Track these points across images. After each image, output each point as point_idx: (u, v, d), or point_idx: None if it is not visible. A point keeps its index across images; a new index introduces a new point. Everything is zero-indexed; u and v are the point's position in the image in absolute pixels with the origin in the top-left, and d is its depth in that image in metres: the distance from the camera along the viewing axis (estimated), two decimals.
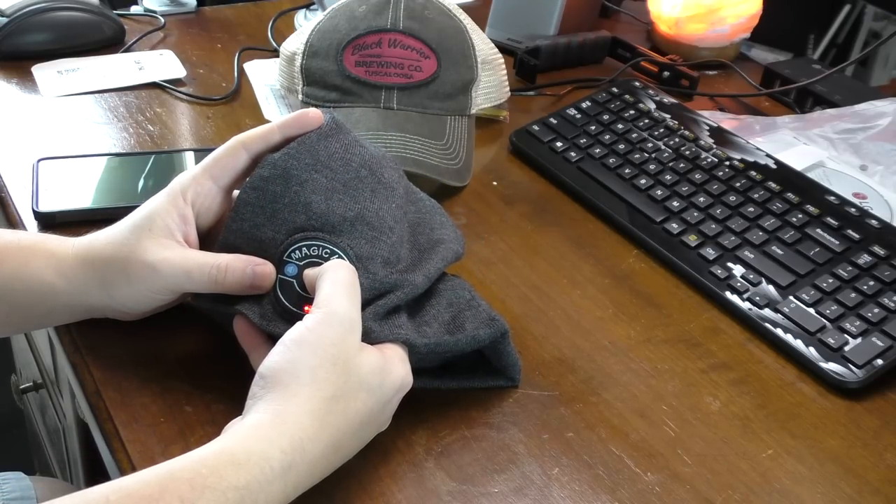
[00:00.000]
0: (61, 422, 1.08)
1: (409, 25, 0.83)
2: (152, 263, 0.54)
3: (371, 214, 0.56)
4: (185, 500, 0.42)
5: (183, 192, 0.57)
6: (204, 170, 0.58)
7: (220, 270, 0.54)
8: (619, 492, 0.54)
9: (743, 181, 0.78)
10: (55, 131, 0.85)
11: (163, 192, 0.57)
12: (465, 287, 0.60)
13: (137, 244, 0.54)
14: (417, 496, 0.52)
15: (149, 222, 0.55)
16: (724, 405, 0.61)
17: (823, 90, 1.00)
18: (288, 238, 0.55)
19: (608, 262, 0.74)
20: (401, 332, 0.54)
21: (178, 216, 0.56)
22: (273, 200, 0.56)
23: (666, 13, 1.11)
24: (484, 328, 0.56)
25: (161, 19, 1.07)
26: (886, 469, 0.58)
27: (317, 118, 0.59)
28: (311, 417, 0.47)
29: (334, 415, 0.48)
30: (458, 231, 0.64)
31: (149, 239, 0.55)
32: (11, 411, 1.48)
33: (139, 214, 0.56)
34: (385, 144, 0.78)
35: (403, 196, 0.61)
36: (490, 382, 0.60)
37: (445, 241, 0.61)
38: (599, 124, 0.88)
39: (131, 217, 0.57)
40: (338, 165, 0.57)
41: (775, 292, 0.69)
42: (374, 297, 0.55)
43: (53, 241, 0.57)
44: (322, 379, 0.48)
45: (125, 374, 0.58)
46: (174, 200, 0.56)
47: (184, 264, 0.54)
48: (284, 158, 0.57)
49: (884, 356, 0.64)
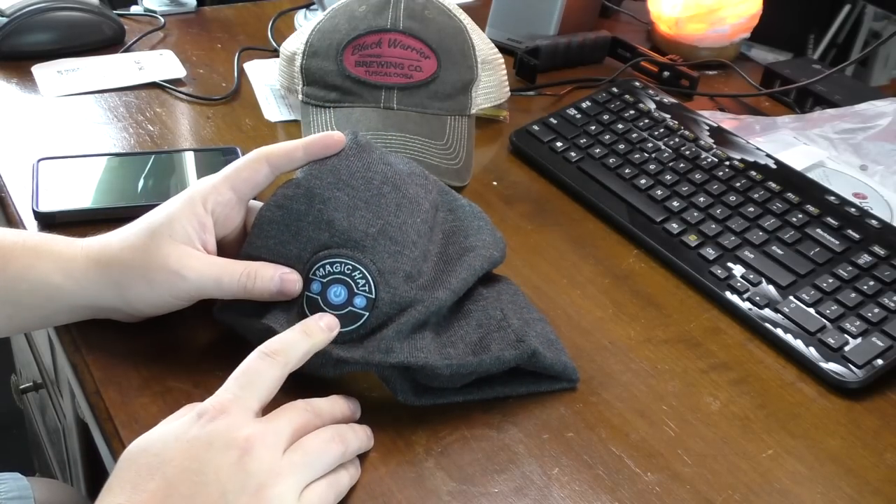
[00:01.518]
0: (61, 422, 1.08)
1: (409, 25, 0.83)
2: (177, 271, 0.54)
3: (394, 229, 0.57)
4: None
5: (203, 200, 0.56)
6: (224, 179, 0.57)
7: (250, 277, 0.54)
8: (619, 492, 0.54)
9: (743, 181, 0.78)
10: (55, 131, 0.85)
11: (180, 197, 0.57)
12: (498, 306, 0.60)
13: (158, 250, 0.54)
14: (417, 496, 0.52)
15: (168, 228, 0.55)
16: (724, 405, 0.61)
17: (823, 90, 1.00)
18: (313, 255, 0.56)
19: (608, 262, 0.74)
20: (420, 356, 0.54)
21: (197, 223, 0.55)
22: (297, 218, 0.57)
23: (666, 13, 1.11)
24: (509, 350, 0.57)
25: (161, 19, 1.07)
26: (886, 469, 0.58)
27: (340, 140, 0.59)
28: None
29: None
30: (497, 233, 0.64)
31: (170, 245, 0.54)
32: (11, 411, 1.48)
33: (156, 218, 0.56)
34: (385, 144, 0.78)
35: (431, 210, 0.61)
36: (555, 386, 0.60)
37: (477, 247, 0.61)
38: (599, 124, 0.88)
39: (146, 220, 0.56)
40: (359, 183, 0.58)
41: (775, 292, 0.69)
42: (396, 313, 0.55)
43: (60, 242, 0.57)
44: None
45: (125, 374, 0.58)
46: (193, 207, 0.56)
47: (212, 271, 0.54)
48: (308, 178, 0.58)
49: (884, 356, 0.64)
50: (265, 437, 0.47)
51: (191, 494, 0.44)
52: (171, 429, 0.47)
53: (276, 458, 0.47)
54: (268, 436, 0.47)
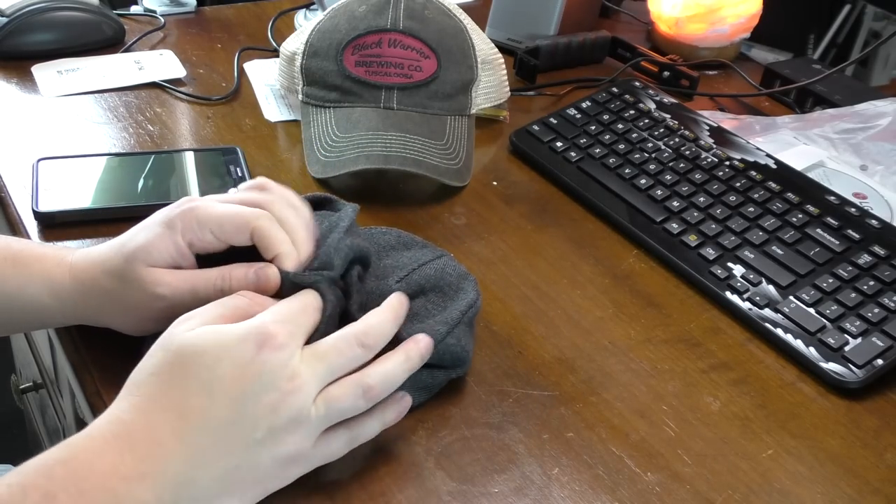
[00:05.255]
0: (61, 422, 1.08)
1: (409, 25, 0.83)
2: (153, 292, 0.53)
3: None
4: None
5: (181, 233, 0.54)
6: (206, 220, 0.54)
7: (225, 279, 0.54)
8: (619, 492, 0.54)
9: (743, 181, 0.78)
10: (55, 131, 0.85)
11: (153, 226, 0.55)
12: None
13: (133, 274, 0.54)
14: (417, 496, 0.52)
15: (145, 253, 0.54)
16: (724, 405, 0.61)
17: (823, 90, 1.00)
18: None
19: (608, 262, 0.74)
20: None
21: (175, 251, 0.54)
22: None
23: (666, 13, 1.11)
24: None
25: (161, 19, 1.07)
26: (886, 469, 0.58)
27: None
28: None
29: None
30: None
31: (145, 270, 0.54)
32: (11, 411, 1.48)
33: (135, 243, 0.54)
34: (385, 144, 0.78)
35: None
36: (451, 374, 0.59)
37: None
38: (599, 124, 0.88)
39: (126, 245, 0.55)
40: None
41: (775, 292, 0.69)
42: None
43: (50, 262, 0.57)
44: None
45: (125, 374, 0.58)
46: (169, 238, 0.54)
47: (186, 284, 0.54)
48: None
49: (884, 356, 0.64)
50: (306, 386, 0.48)
51: (227, 422, 0.46)
52: (228, 343, 0.47)
53: (307, 404, 0.48)
54: (308, 385, 0.48)
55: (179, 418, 0.46)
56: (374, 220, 0.74)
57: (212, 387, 0.46)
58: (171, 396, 0.46)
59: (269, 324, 0.48)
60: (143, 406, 0.46)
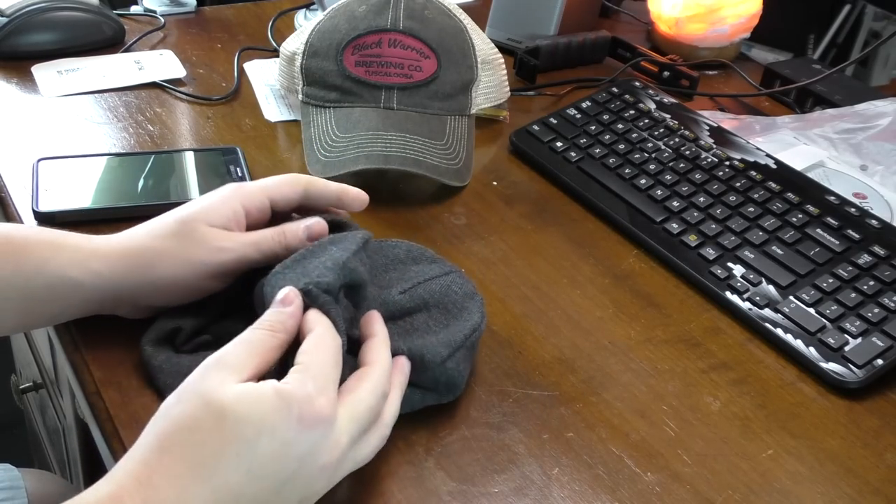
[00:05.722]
0: (61, 422, 1.08)
1: (409, 25, 0.83)
2: (218, 245, 0.57)
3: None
4: None
5: (241, 198, 0.59)
6: (263, 188, 0.60)
7: (283, 234, 0.58)
8: (619, 492, 0.54)
9: (743, 181, 0.78)
10: (55, 131, 0.85)
11: (217, 192, 0.59)
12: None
13: (194, 233, 0.57)
14: (417, 496, 0.52)
15: (204, 215, 0.57)
16: (724, 405, 0.61)
17: (823, 90, 1.00)
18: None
19: (608, 262, 0.74)
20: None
21: (232, 214, 0.58)
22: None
23: (666, 13, 1.11)
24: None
25: (161, 19, 1.07)
26: (886, 469, 0.58)
27: (366, 202, 0.63)
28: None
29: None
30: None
31: (207, 228, 0.57)
32: (11, 411, 1.48)
33: (192, 209, 0.58)
34: (385, 144, 0.78)
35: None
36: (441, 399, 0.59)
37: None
38: (599, 124, 0.88)
39: (179, 212, 0.58)
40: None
41: (775, 292, 0.69)
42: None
43: (77, 237, 0.58)
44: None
45: (125, 374, 0.58)
46: (231, 201, 0.59)
47: (250, 238, 0.58)
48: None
49: (884, 356, 0.64)
50: (344, 457, 0.48)
51: (261, 503, 0.45)
52: (269, 416, 0.45)
53: (341, 474, 0.49)
54: (345, 453, 0.48)
55: (212, 493, 0.43)
56: (374, 220, 0.74)
57: (251, 466, 0.44)
58: (207, 466, 0.43)
59: (312, 393, 0.46)
60: (177, 471, 0.43)
